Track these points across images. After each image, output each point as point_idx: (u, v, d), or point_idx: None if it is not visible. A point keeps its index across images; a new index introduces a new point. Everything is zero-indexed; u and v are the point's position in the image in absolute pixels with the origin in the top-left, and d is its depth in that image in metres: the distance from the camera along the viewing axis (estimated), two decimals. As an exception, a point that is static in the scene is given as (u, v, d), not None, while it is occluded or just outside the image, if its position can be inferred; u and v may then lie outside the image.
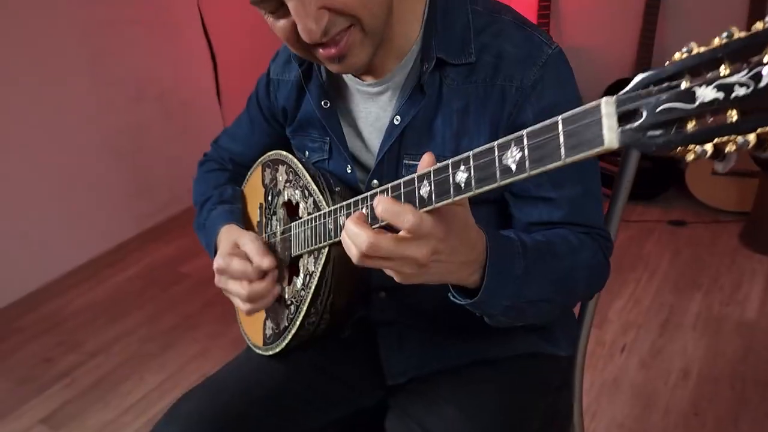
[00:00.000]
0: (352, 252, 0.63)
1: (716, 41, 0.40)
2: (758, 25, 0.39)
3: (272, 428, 0.92)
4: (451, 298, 0.72)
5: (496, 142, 0.53)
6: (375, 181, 0.87)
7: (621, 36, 2.74)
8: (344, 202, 0.74)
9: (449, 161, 0.57)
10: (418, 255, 0.60)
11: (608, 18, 2.76)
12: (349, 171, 0.92)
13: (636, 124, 0.44)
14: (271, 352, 0.96)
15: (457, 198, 0.56)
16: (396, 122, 0.84)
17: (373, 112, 0.89)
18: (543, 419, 0.96)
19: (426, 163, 0.61)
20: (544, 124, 0.50)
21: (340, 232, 0.72)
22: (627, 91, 0.45)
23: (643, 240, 2.48)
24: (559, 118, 0.49)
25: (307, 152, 0.98)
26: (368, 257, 0.62)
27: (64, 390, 2.00)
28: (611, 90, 2.72)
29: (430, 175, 0.58)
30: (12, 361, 2.16)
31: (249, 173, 1.07)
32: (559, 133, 0.48)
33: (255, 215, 1.03)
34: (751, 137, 0.39)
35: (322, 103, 0.90)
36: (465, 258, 0.66)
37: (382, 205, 0.59)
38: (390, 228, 0.61)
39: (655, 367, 1.84)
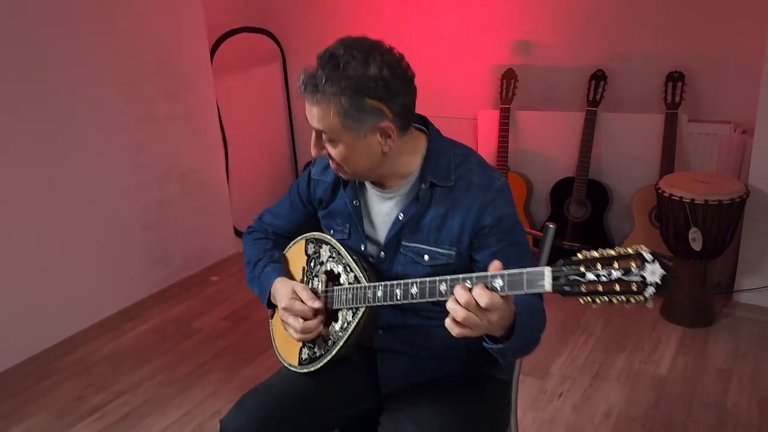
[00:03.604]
0: (456, 307, 1.03)
1: (596, 253, 0.93)
2: (612, 251, 0.92)
3: (307, 418, 1.36)
4: (486, 345, 1.13)
5: (503, 272, 1.02)
6: (383, 253, 1.35)
7: (566, 144, 3.31)
8: (381, 283, 1.22)
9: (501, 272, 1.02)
10: (493, 318, 1.02)
11: (556, 129, 3.34)
12: (363, 249, 1.39)
13: (560, 282, 0.95)
14: (305, 370, 1.39)
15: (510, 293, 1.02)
16: (400, 218, 1.31)
17: (384, 209, 1.35)
18: (490, 418, 1.41)
19: (495, 266, 1.03)
20: (519, 271, 0.99)
21: (376, 300, 1.22)
22: (556, 267, 0.96)
23: (583, 310, 2.98)
24: (525, 270, 0.99)
25: (332, 231, 1.44)
26: (464, 310, 1.01)
27: (96, 422, 2.37)
28: (559, 185, 3.29)
29: (504, 276, 1.01)
30: (49, 398, 2.53)
31: (292, 243, 1.51)
32: (524, 278, 0.99)
33: (297, 274, 1.46)
34: (605, 299, 0.92)
35: (354, 201, 1.37)
36: (507, 321, 1.07)
37: (477, 288, 1.01)
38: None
39: (584, 410, 2.31)
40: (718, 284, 3.04)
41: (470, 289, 1.04)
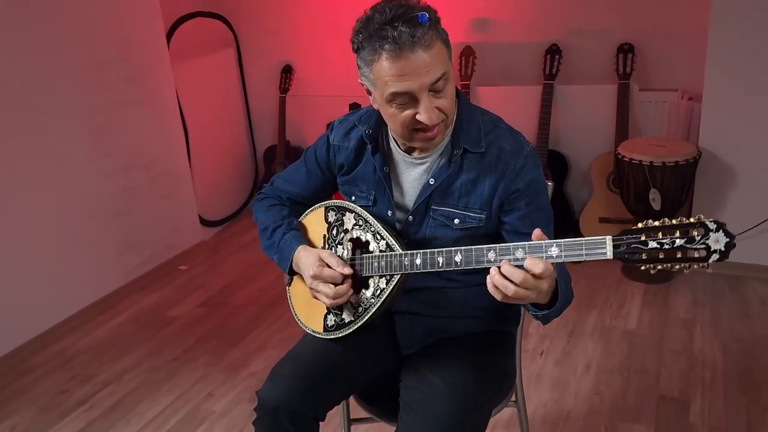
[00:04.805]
0: (507, 283, 1.06)
1: (657, 223, 1.00)
2: (673, 221, 0.98)
3: (336, 381, 1.40)
4: (532, 314, 1.22)
5: (556, 241, 1.07)
6: (411, 217, 1.36)
7: (525, 117, 3.43)
8: (419, 251, 1.23)
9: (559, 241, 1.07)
10: (545, 287, 1.07)
11: (515, 103, 3.45)
12: (390, 214, 1.40)
13: (621, 250, 1.02)
14: (333, 336, 1.40)
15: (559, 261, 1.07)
16: (431, 183, 1.33)
17: (413, 174, 1.37)
18: (503, 368, 1.50)
19: (537, 235, 1.08)
20: (578, 240, 1.05)
21: (414, 267, 1.24)
22: (617, 236, 1.02)
23: (551, 275, 3.13)
24: (583, 240, 1.04)
25: (353, 197, 1.45)
26: (516, 286, 1.05)
27: (85, 413, 2.33)
28: (520, 158, 3.41)
29: (561, 245, 1.06)
30: (31, 394, 2.47)
31: (309, 210, 1.49)
32: (583, 245, 1.05)
33: (318, 242, 1.46)
34: (667, 265, 0.99)
35: (384, 168, 1.37)
36: (552, 287, 1.12)
37: (529, 259, 1.06)
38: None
39: (565, 364, 2.44)
40: (673, 242, 3.24)
41: (521, 266, 1.07)
